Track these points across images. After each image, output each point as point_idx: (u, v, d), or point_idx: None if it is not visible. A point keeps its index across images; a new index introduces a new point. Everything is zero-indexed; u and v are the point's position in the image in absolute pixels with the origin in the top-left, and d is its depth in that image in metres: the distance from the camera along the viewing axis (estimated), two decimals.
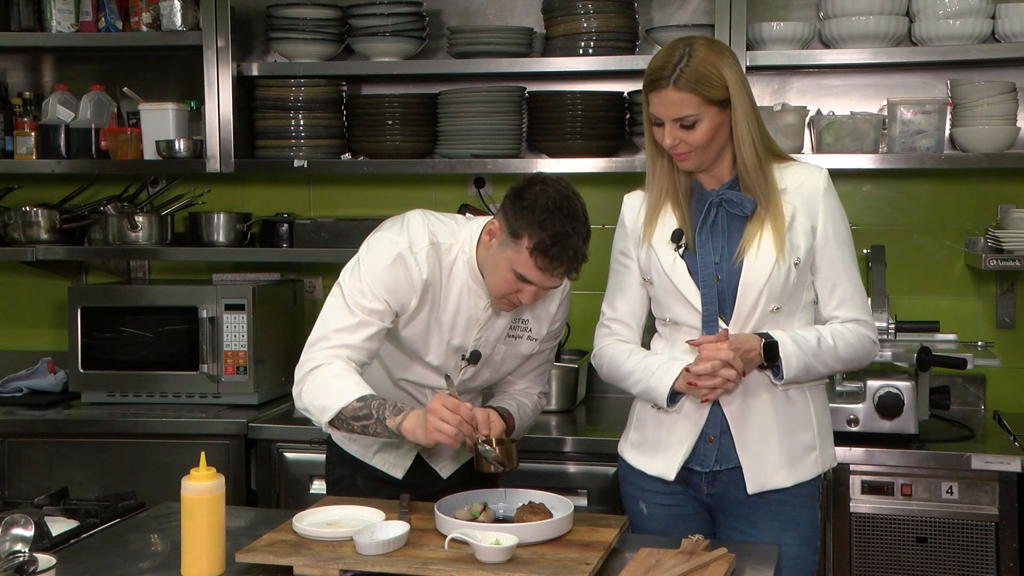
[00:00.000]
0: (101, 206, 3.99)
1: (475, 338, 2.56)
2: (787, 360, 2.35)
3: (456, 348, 2.56)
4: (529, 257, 2.34)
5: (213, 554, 2.14)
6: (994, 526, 3.08)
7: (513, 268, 2.37)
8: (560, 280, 2.41)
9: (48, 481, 3.45)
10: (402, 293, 2.46)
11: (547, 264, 2.34)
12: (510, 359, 2.64)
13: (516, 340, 2.62)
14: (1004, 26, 3.38)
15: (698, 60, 2.33)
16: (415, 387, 2.64)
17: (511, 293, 2.42)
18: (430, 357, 2.56)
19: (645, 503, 2.54)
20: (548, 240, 2.32)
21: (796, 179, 2.45)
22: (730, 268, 2.41)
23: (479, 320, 2.54)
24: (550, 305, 2.61)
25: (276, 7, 3.79)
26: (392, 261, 2.45)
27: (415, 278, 2.46)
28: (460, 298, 2.52)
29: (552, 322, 2.64)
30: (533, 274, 2.36)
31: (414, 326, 2.53)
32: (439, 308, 2.52)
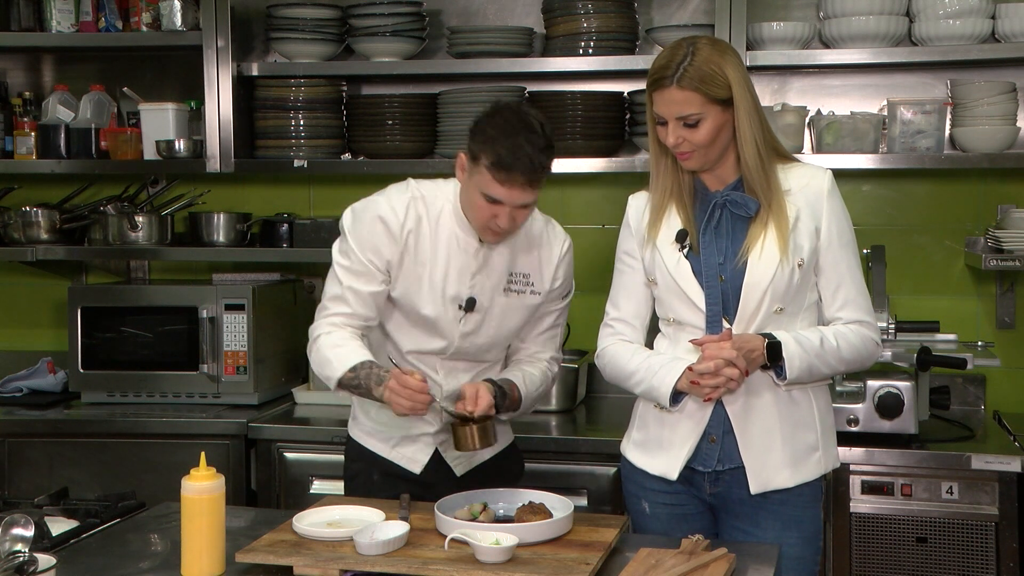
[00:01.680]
0: (101, 206, 3.99)
1: (469, 285, 2.58)
2: (790, 360, 2.35)
3: (452, 298, 2.58)
4: (489, 174, 2.42)
5: (213, 554, 2.14)
6: (994, 526, 3.08)
7: (480, 191, 2.45)
8: (523, 192, 2.44)
9: (48, 481, 3.45)
10: (385, 249, 2.55)
11: (506, 177, 2.40)
12: (513, 313, 2.64)
13: (518, 295, 2.63)
14: (1004, 26, 3.38)
15: (701, 59, 2.34)
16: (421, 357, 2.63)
17: (489, 220, 2.48)
18: (426, 310, 2.57)
19: (647, 503, 2.54)
20: (503, 153, 2.39)
21: (800, 180, 2.45)
22: (734, 269, 2.41)
23: (472, 266, 2.57)
24: (548, 254, 2.65)
25: (276, 7, 3.79)
26: (371, 220, 2.55)
27: (395, 231, 2.54)
28: (450, 246, 2.57)
29: (554, 278, 2.66)
30: (498, 191, 2.43)
31: (405, 280, 2.57)
32: (429, 258, 2.57)
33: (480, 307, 2.59)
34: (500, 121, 2.45)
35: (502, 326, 2.64)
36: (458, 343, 2.61)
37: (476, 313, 2.60)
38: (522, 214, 2.50)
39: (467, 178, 2.50)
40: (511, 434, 2.84)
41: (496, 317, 2.62)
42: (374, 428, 2.71)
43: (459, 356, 2.65)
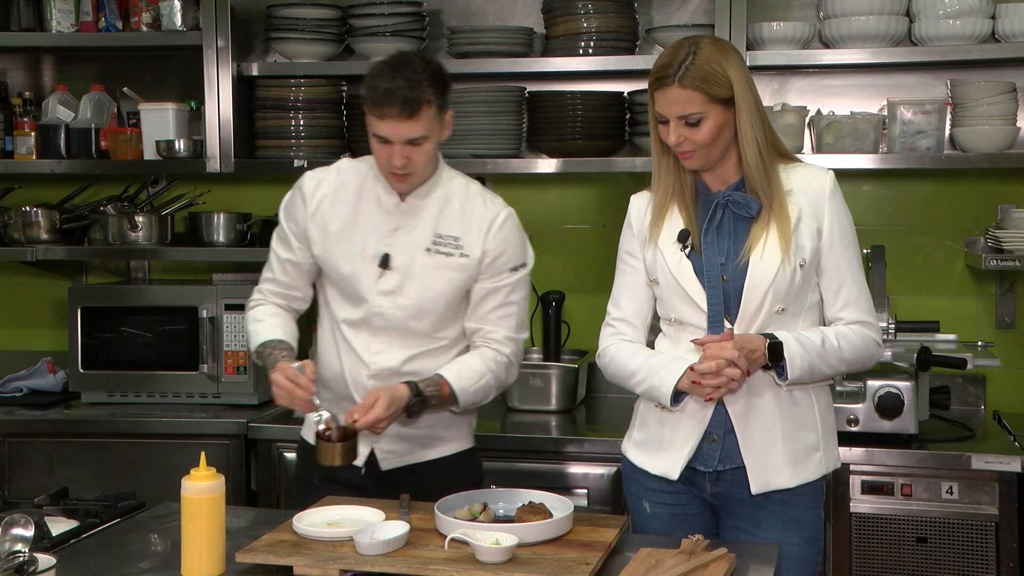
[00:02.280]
0: (101, 206, 3.99)
1: (388, 242, 2.61)
2: (791, 360, 2.35)
3: (372, 256, 2.61)
4: (370, 113, 2.52)
5: (213, 554, 2.14)
6: (994, 526, 3.08)
7: (372, 133, 2.54)
8: (400, 123, 2.48)
9: (48, 481, 3.45)
10: (298, 212, 2.67)
11: (380, 109, 2.48)
12: (438, 275, 2.62)
13: (445, 256, 2.62)
14: (1004, 26, 3.38)
15: (703, 58, 2.34)
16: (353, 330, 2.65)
17: (387, 164, 2.54)
18: (345, 267, 2.62)
19: (648, 502, 2.54)
20: (377, 88, 2.49)
21: (802, 181, 2.45)
22: (735, 269, 2.41)
23: (391, 223, 2.63)
24: (481, 219, 2.64)
25: (276, 7, 3.79)
26: (293, 190, 2.71)
27: (308, 195, 2.66)
28: (371, 206, 2.64)
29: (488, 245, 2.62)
30: (379, 127, 2.51)
31: (324, 241, 2.64)
32: (349, 219, 2.64)
33: (399, 265, 2.60)
34: (379, 64, 2.57)
35: (427, 287, 2.61)
36: (379, 304, 2.60)
37: (394, 272, 2.60)
38: (416, 152, 2.53)
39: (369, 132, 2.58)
40: (471, 439, 2.80)
41: (419, 277, 2.61)
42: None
43: (388, 328, 2.63)
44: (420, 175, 2.60)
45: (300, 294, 2.74)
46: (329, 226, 2.64)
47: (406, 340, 2.64)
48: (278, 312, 2.72)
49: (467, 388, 2.60)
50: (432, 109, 2.51)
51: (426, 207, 2.64)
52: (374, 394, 2.48)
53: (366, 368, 2.64)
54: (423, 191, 2.64)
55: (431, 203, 2.64)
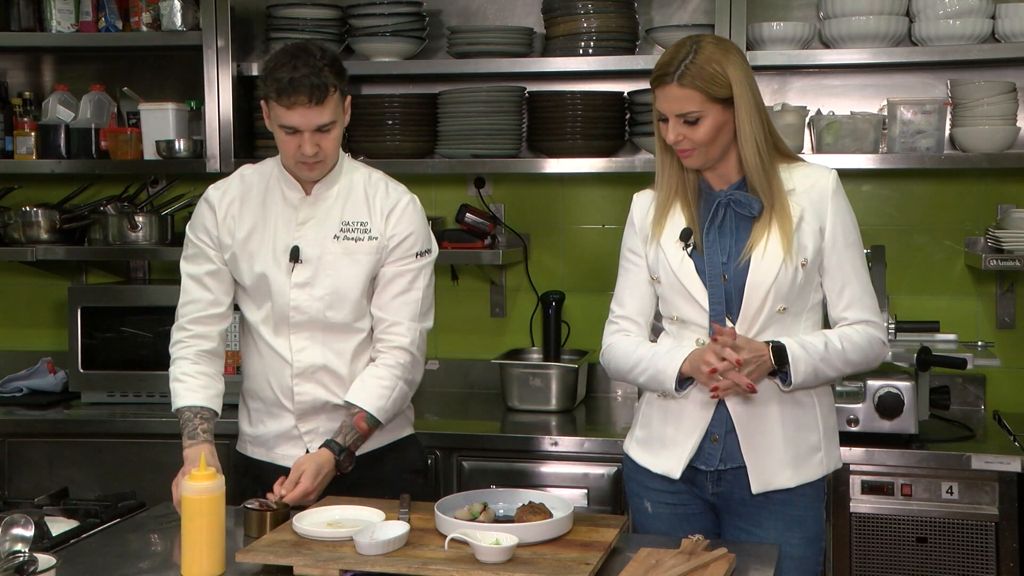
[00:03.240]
0: (101, 206, 3.99)
1: (296, 236, 2.62)
2: (795, 365, 2.34)
3: (283, 251, 2.62)
4: (276, 103, 2.51)
5: (213, 554, 2.14)
6: (994, 526, 3.08)
7: (278, 124, 2.53)
8: (310, 111, 2.50)
9: (48, 481, 3.45)
10: (209, 223, 2.67)
11: (289, 100, 2.48)
12: (350, 261, 2.63)
13: (355, 241, 2.64)
14: (1004, 26, 3.38)
15: (703, 58, 2.34)
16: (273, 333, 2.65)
17: (296, 154, 2.55)
18: (259, 266, 2.62)
19: (650, 501, 2.54)
20: (282, 79, 2.48)
21: (805, 180, 2.45)
22: (737, 268, 2.41)
23: (298, 217, 2.64)
24: (385, 203, 2.67)
25: (276, 7, 3.79)
26: (199, 205, 2.71)
27: (214, 201, 2.67)
28: (277, 203, 2.66)
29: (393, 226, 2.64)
30: (288, 117, 2.50)
31: (235, 244, 2.64)
32: (257, 219, 2.65)
33: (310, 256, 2.62)
34: (276, 55, 2.56)
35: (339, 274, 2.63)
36: (295, 297, 2.61)
37: (306, 264, 2.62)
38: (326, 139, 2.55)
39: (270, 124, 2.58)
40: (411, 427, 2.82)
41: (331, 265, 2.62)
42: (252, 436, 2.75)
43: (307, 323, 2.63)
44: (329, 162, 2.62)
45: (223, 308, 2.71)
46: (237, 231, 2.65)
47: (327, 335, 2.65)
48: (199, 361, 2.67)
49: (384, 407, 2.61)
50: (336, 94, 2.55)
51: (331, 197, 2.66)
52: (298, 467, 2.50)
53: (289, 367, 2.65)
54: (328, 181, 2.66)
55: (336, 192, 2.67)
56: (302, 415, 2.67)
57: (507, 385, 3.67)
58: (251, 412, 2.76)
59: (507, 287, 4.02)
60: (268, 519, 2.36)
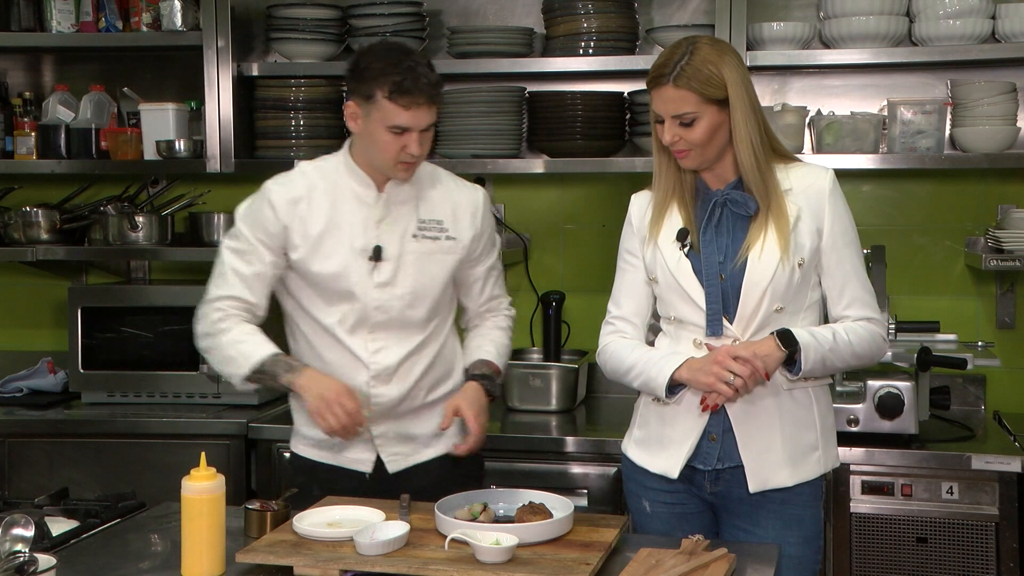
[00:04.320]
0: (101, 206, 3.99)
1: (375, 235, 2.60)
2: (805, 352, 2.34)
3: (361, 250, 2.59)
4: (391, 103, 2.47)
5: (213, 554, 2.14)
6: (994, 526, 3.08)
7: (385, 125, 2.49)
8: (426, 112, 2.50)
9: (48, 481, 3.44)
10: (268, 222, 2.60)
11: (409, 100, 2.46)
12: (430, 260, 2.64)
13: (432, 240, 2.64)
14: (1004, 26, 3.38)
15: (699, 59, 2.35)
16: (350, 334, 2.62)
17: (400, 153, 2.52)
18: (334, 266, 2.58)
19: (648, 501, 2.55)
20: (398, 79, 2.45)
21: (802, 180, 2.45)
22: (734, 268, 2.41)
23: (375, 216, 2.61)
24: (463, 201, 2.69)
25: (276, 7, 3.79)
26: (260, 200, 2.62)
27: (277, 200, 2.60)
28: (350, 202, 2.61)
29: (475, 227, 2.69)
30: (403, 117, 2.47)
31: (306, 244, 2.59)
32: (330, 218, 2.60)
33: (390, 255, 2.60)
34: (380, 53, 2.53)
35: (421, 273, 2.63)
36: (376, 297, 2.60)
37: (387, 262, 2.60)
38: (427, 138, 2.55)
39: (364, 123, 2.53)
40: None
41: (411, 264, 2.62)
42: (316, 439, 2.69)
43: (387, 322, 2.62)
44: (422, 162, 2.62)
45: (261, 312, 2.66)
46: (310, 229, 2.60)
47: (403, 334, 2.64)
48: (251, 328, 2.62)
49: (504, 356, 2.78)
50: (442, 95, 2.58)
51: (405, 195, 2.64)
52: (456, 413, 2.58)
53: (366, 370, 2.63)
54: (398, 182, 2.63)
55: (408, 191, 2.65)
56: (376, 419, 2.64)
57: (507, 385, 3.67)
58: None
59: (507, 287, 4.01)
60: (268, 519, 2.36)
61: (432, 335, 2.69)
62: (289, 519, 2.34)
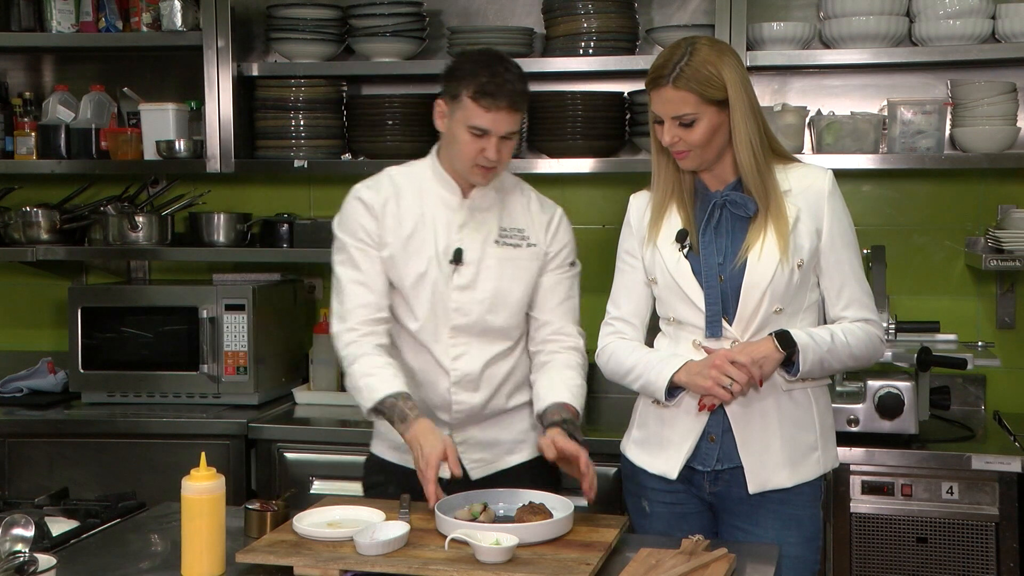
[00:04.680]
0: (101, 206, 3.99)
1: (457, 238, 2.61)
2: (804, 353, 2.34)
3: (443, 252, 2.60)
4: (474, 104, 2.49)
5: (213, 554, 2.14)
6: (994, 526, 3.08)
7: (466, 125, 2.51)
8: (507, 117, 2.51)
9: (48, 481, 3.44)
10: (365, 220, 2.63)
11: (491, 102, 2.48)
12: (511, 267, 2.64)
13: (514, 247, 2.64)
14: (1004, 26, 3.38)
15: (698, 60, 2.35)
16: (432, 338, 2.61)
17: (477, 156, 2.53)
18: (417, 267, 2.59)
19: (648, 501, 2.55)
20: (484, 81, 2.48)
21: (801, 181, 2.45)
22: (733, 269, 2.41)
23: (457, 219, 2.62)
24: (541, 214, 2.70)
25: (276, 7, 3.79)
26: (352, 204, 2.66)
27: (368, 199, 2.63)
28: (435, 205, 2.63)
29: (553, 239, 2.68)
30: (484, 119, 2.50)
31: (393, 245, 2.61)
32: (415, 219, 2.62)
33: (471, 259, 2.61)
34: (474, 57, 2.58)
35: (502, 279, 2.63)
36: (456, 300, 2.60)
37: (468, 265, 2.60)
38: (507, 146, 2.56)
39: (448, 122, 2.56)
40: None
41: (492, 269, 2.62)
42: (398, 442, 2.63)
43: (467, 327, 2.61)
44: (501, 170, 2.63)
45: (387, 312, 2.63)
46: (400, 229, 2.62)
47: (484, 340, 2.63)
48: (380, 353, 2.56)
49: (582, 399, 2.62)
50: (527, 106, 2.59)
51: (488, 202, 2.66)
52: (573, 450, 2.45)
53: (447, 376, 2.62)
54: (483, 188, 2.65)
55: (492, 198, 2.66)
56: (458, 425, 2.65)
57: None
58: None
59: None
60: (268, 519, 2.36)
61: (512, 346, 2.68)
62: (289, 519, 2.34)
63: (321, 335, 3.78)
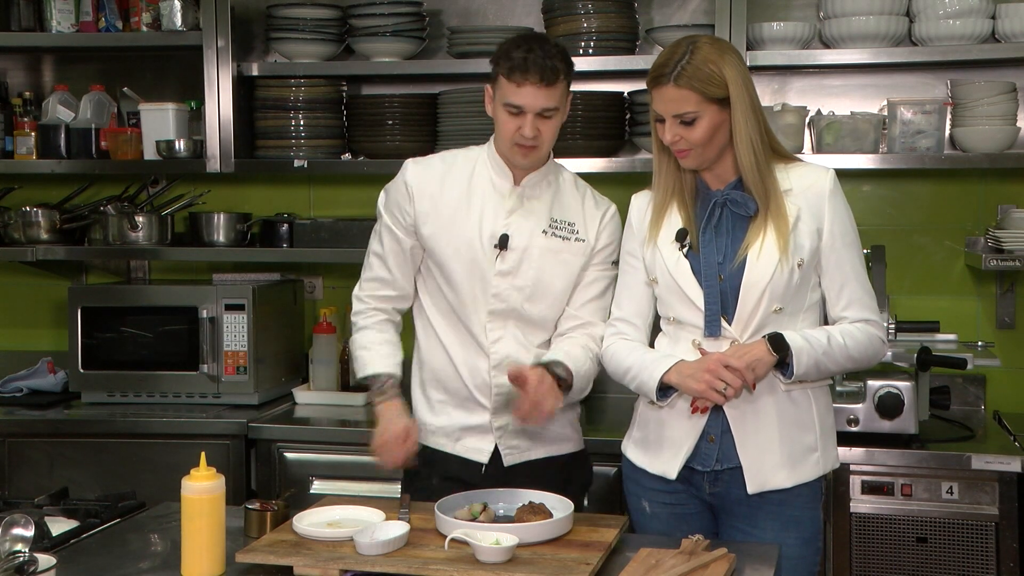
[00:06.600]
0: (101, 206, 3.99)
1: (505, 223, 2.61)
2: (798, 356, 2.34)
3: (489, 236, 2.60)
4: (507, 81, 2.52)
5: (213, 554, 2.14)
6: (994, 526, 3.08)
7: (503, 104, 2.54)
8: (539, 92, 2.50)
9: (48, 481, 3.44)
10: (401, 198, 2.66)
11: (521, 76, 2.49)
12: (556, 259, 2.63)
13: (562, 240, 2.64)
14: (1004, 26, 3.38)
15: (700, 58, 2.35)
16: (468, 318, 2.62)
17: (515, 135, 2.54)
18: (462, 247, 2.60)
19: (648, 502, 2.55)
20: (516, 58, 2.51)
21: (803, 180, 2.45)
22: (733, 268, 2.41)
23: (507, 205, 2.62)
24: (593, 209, 2.70)
25: (276, 7, 3.79)
26: (398, 180, 2.69)
27: (411, 178, 2.66)
28: (485, 189, 2.64)
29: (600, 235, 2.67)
30: (517, 95, 2.51)
31: (438, 220, 2.63)
32: (464, 199, 2.63)
33: (516, 246, 2.60)
34: (515, 39, 2.60)
35: (544, 270, 2.62)
36: (496, 284, 2.59)
37: (512, 252, 2.60)
38: (546, 125, 2.55)
39: (493, 105, 2.59)
40: (582, 442, 2.79)
41: (536, 259, 2.62)
42: (435, 426, 2.69)
43: (504, 313, 2.61)
44: (544, 150, 2.61)
45: (401, 292, 2.71)
46: (441, 207, 2.63)
47: (521, 327, 2.63)
48: (383, 330, 2.70)
49: (579, 370, 2.57)
50: (564, 83, 2.56)
51: (540, 192, 2.66)
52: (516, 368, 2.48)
53: (486, 359, 2.62)
54: (536, 177, 2.65)
55: (544, 188, 2.67)
56: (497, 409, 2.64)
57: None
58: (432, 403, 2.71)
59: None
60: (268, 519, 2.36)
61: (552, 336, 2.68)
62: (289, 519, 2.34)
63: (321, 335, 3.79)
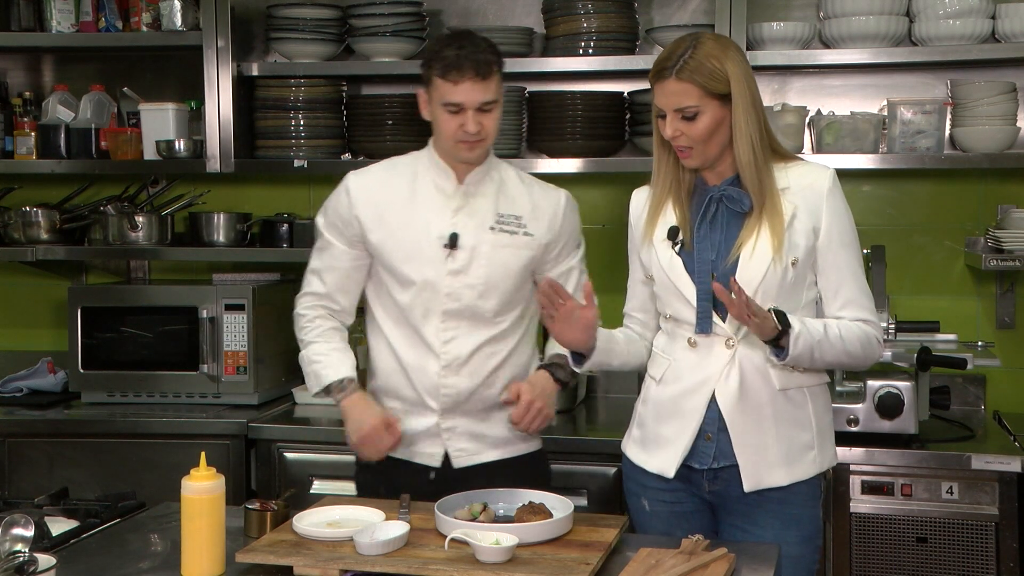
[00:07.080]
0: (101, 206, 3.99)
1: (451, 222, 2.63)
2: (795, 338, 2.32)
3: (437, 237, 2.62)
4: (443, 81, 2.54)
5: (213, 554, 2.14)
6: (994, 526, 3.08)
7: (441, 103, 2.56)
8: (475, 86, 2.53)
9: (48, 481, 3.44)
10: (343, 208, 2.69)
11: (456, 74, 2.52)
12: (505, 254, 2.65)
13: (510, 235, 2.66)
14: (1004, 26, 3.38)
15: (703, 53, 2.35)
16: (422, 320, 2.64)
17: (458, 132, 2.57)
18: (410, 251, 2.62)
19: (647, 500, 2.55)
20: (448, 56, 2.53)
21: (801, 179, 2.44)
22: (726, 266, 2.41)
23: (452, 205, 2.64)
24: (543, 200, 2.71)
25: (276, 7, 3.79)
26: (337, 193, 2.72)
27: (351, 186, 2.69)
28: (429, 191, 2.67)
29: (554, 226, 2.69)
30: (454, 92, 2.54)
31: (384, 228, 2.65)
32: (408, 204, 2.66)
33: (465, 244, 2.62)
34: (442, 37, 2.64)
35: (494, 264, 2.64)
36: (448, 284, 2.62)
37: (462, 250, 2.62)
38: (487, 119, 2.58)
39: (430, 107, 2.62)
40: (540, 440, 2.82)
41: (485, 255, 2.64)
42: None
43: (458, 312, 2.64)
44: (489, 142, 2.63)
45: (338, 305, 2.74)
46: (386, 213, 2.66)
47: (474, 325, 2.65)
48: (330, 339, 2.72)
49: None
50: (498, 75, 2.60)
51: (484, 188, 2.68)
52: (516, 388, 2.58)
53: (436, 359, 2.65)
54: (479, 174, 2.67)
55: (488, 185, 2.69)
56: (445, 412, 2.67)
57: None
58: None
59: None
60: (268, 519, 2.36)
61: (505, 332, 2.70)
62: (289, 519, 2.34)
63: None
